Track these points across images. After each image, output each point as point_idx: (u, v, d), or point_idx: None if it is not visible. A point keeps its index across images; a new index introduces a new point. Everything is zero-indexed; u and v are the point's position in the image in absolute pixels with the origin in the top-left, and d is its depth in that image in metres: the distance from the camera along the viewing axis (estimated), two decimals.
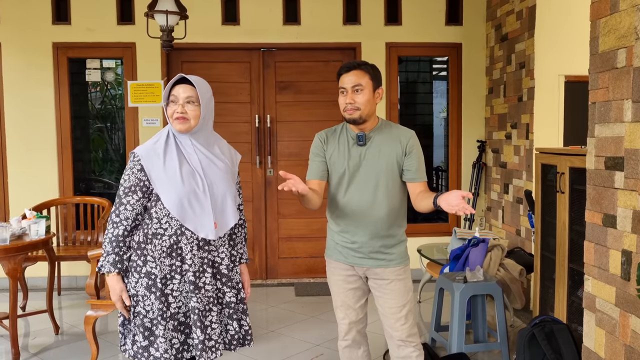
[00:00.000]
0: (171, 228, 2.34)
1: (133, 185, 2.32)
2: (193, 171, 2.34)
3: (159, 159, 2.31)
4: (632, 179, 2.57)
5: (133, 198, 2.32)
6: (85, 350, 3.80)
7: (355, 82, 2.57)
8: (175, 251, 2.35)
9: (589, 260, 2.93)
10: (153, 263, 2.33)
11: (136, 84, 5.45)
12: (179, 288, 2.36)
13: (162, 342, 2.33)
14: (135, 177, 2.32)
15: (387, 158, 2.60)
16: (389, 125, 2.69)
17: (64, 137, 5.49)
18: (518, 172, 4.91)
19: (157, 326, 2.33)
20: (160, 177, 2.30)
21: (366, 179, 2.61)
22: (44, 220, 4.06)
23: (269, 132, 5.67)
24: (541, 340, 3.24)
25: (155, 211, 2.34)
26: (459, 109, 5.76)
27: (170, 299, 2.35)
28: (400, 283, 2.66)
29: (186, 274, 2.35)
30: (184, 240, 2.35)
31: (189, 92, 2.34)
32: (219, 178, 2.40)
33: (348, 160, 2.64)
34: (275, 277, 5.78)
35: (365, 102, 2.56)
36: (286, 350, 3.96)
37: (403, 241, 2.72)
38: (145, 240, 2.34)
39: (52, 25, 5.40)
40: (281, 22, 5.57)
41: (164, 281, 2.34)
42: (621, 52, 2.64)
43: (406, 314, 2.66)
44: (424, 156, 2.68)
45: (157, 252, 2.33)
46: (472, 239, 4.22)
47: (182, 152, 2.36)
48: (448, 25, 5.68)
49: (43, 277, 4.84)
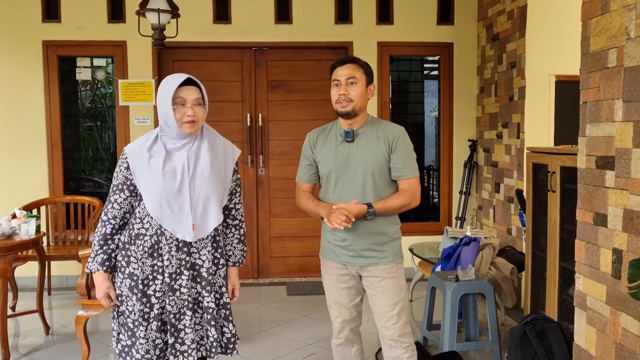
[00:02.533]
0: (152, 228, 2.31)
1: (120, 183, 2.32)
2: (176, 171, 2.29)
3: (144, 157, 2.28)
4: (622, 178, 2.58)
5: (120, 197, 2.32)
6: (76, 350, 3.78)
7: (349, 74, 2.59)
8: (157, 251, 2.32)
9: (580, 259, 2.95)
10: (135, 264, 2.31)
11: (127, 82, 5.42)
12: (161, 289, 2.33)
13: (142, 343, 2.31)
14: (123, 175, 2.31)
15: (374, 155, 2.59)
16: (378, 122, 2.69)
17: (54, 136, 5.45)
18: (509, 172, 4.94)
19: (139, 327, 2.32)
20: (143, 175, 2.28)
21: (354, 176, 2.61)
22: (34, 219, 4.03)
23: (260, 131, 5.67)
24: (532, 338, 3.26)
25: (138, 210, 2.32)
26: (451, 109, 5.78)
27: (153, 300, 2.33)
28: (392, 281, 2.64)
29: (163, 275, 2.33)
30: (164, 240, 2.31)
31: (196, 93, 2.29)
32: (205, 179, 2.33)
33: (335, 158, 2.64)
34: (267, 276, 5.78)
35: (359, 95, 2.58)
36: (278, 349, 3.96)
37: (396, 239, 2.70)
38: (129, 240, 2.32)
39: (42, 23, 5.36)
40: (273, 21, 5.56)
41: (146, 282, 2.32)
42: (612, 52, 2.66)
43: (398, 313, 2.64)
44: (415, 155, 2.68)
45: (140, 252, 2.31)
46: (464, 238, 4.23)
47: (169, 151, 2.31)
48: (439, 25, 5.69)
49: (33, 277, 4.81)
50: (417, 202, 2.65)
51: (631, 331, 2.52)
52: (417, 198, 2.64)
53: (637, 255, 2.45)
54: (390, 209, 2.60)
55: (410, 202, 2.61)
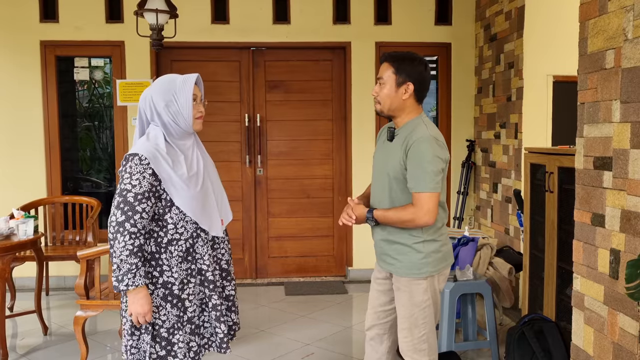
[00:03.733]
0: (187, 232, 2.29)
1: (147, 191, 2.18)
2: (196, 171, 2.32)
3: (167, 162, 2.23)
4: (620, 178, 2.59)
5: (147, 205, 2.19)
6: (74, 350, 3.78)
7: (379, 74, 2.55)
8: (192, 254, 2.31)
9: (577, 259, 2.96)
10: (169, 272, 2.27)
11: (125, 82, 5.42)
12: (193, 292, 2.33)
13: (181, 347, 2.29)
14: (148, 182, 2.18)
15: (394, 159, 2.49)
16: (416, 126, 2.49)
17: (51, 136, 5.45)
18: (507, 172, 4.94)
19: (175, 334, 2.28)
20: (173, 180, 2.23)
21: (381, 178, 2.56)
22: (32, 220, 4.02)
23: (258, 131, 5.67)
24: (530, 338, 3.27)
25: (170, 217, 2.25)
26: (448, 109, 5.79)
27: (187, 304, 2.31)
28: (404, 295, 2.54)
29: (205, 275, 2.34)
30: (200, 242, 2.32)
31: (200, 91, 2.35)
32: (215, 175, 2.43)
33: (377, 155, 2.65)
34: (265, 276, 5.78)
35: (384, 96, 2.50)
36: (277, 349, 3.96)
37: (419, 252, 2.49)
38: (158, 250, 2.26)
39: (40, 23, 5.36)
40: (271, 21, 5.56)
41: (181, 286, 2.29)
42: (610, 53, 2.66)
43: (409, 328, 2.54)
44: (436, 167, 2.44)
45: (174, 259, 2.26)
46: (462, 238, 4.24)
47: (185, 153, 2.31)
48: (437, 25, 5.70)
49: (31, 277, 4.80)
50: (426, 221, 2.40)
51: (629, 331, 2.53)
52: (424, 216, 2.39)
53: (634, 256, 2.46)
54: (389, 220, 2.48)
55: (413, 218, 2.41)
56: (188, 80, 2.29)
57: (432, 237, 2.51)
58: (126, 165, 2.19)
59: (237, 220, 5.49)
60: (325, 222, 5.76)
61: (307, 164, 5.75)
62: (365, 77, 5.61)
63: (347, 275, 5.77)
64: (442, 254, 2.56)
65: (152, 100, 2.28)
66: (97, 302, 3.49)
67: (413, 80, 2.48)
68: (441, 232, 2.57)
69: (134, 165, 2.18)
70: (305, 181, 5.75)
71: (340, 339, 4.16)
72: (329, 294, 5.26)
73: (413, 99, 2.51)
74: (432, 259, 2.51)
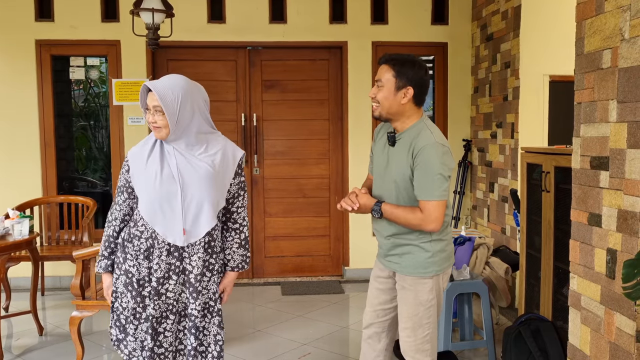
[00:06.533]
0: (147, 231, 2.33)
1: (122, 185, 2.38)
2: (172, 175, 2.28)
3: (142, 161, 2.31)
4: (617, 178, 2.60)
5: (121, 198, 2.38)
6: (70, 351, 3.76)
7: (377, 76, 2.49)
8: (152, 254, 2.33)
9: (574, 259, 2.96)
10: (131, 262, 2.35)
11: (121, 82, 5.40)
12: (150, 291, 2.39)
13: (131, 340, 2.36)
14: (124, 178, 2.37)
15: (401, 164, 2.45)
16: (420, 130, 2.45)
17: (47, 136, 5.42)
18: (503, 171, 4.95)
19: (129, 325, 2.36)
20: (140, 179, 2.31)
21: (387, 180, 2.53)
22: (28, 220, 4.01)
23: (255, 130, 5.66)
24: (527, 337, 3.27)
25: (136, 213, 2.36)
26: (445, 108, 5.79)
27: (147, 301, 2.35)
28: (409, 294, 2.52)
29: (159, 281, 2.34)
30: (156, 244, 2.33)
31: (155, 101, 2.25)
32: (197, 183, 2.30)
33: (378, 160, 2.60)
34: (262, 276, 5.77)
35: (383, 99, 2.45)
36: (273, 349, 3.95)
37: (424, 251, 2.48)
38: (128, 238, 2.37)
39: (35, 22, 5.33)
40: (267, 20, 5.55)
41: (141, 282, 2.35)
42: (606, 53, 2.67)
43: (412, 328, 2.52)
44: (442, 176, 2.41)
45: (135, 252, 2.34)
46: (458, 238, 4.24)
47: (164, 155, 2.32)
48: (434, 25, 5.70)
49: (26, 277, 4.78)
50: (432, 228, 2.39)
51: (625, 331, 2.54)
52: (431, 223, 2.37)
53: (631, 255, 2.46)
54: (396, 217, 2.44)
55: (420, 224, 2.39)
56: (142, 89, 2.30)
57: (439, 237, 2.51)
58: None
59: None
60: (322, 222, 5.76)
61: (304, 164, 5.75)
62: (362, 76, 5.61)
63: (343, 275, 5.76)
64: (447, 253, 2.56)
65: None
66: (93, 302, 3.48)
67: (413, 85, 2.44)
68: (447, 231, 2.56)
69: (124, 162, 2.41)
70: (301, 181, 5.75)
71: (337, 339, 4.15)
72: (325, 293, 5.26)
73: (412, 103, 2.47)
74: (438, 258, 2.50)
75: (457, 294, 3.65)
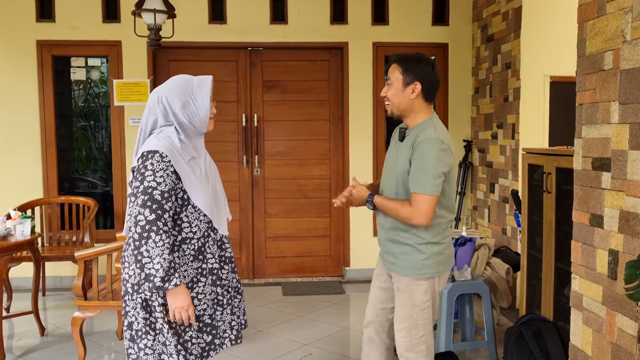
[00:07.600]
0: (200, 231, 2.31)
1: (170, 189, 2.17)
2: (206, 170, 2.36)
3: (186, 161, 2.25)
4: (618, 179, 2.60)
5: (171, 203, 2.19)
6: (72, 351, 3.77)
7: (388, 75, 2.58)
8: (202, 254, 2.33)
9: (576, 260, 2.97)
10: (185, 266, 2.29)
11: (122, 82, 5.40)
12: (203, 290, 2.33)
13: (193, 344, 2.32)
14: (171, 181, 2.18)
15: (402, 158, 2.51)
16: (424, 127, 2.50)
17: (48, 136, 5.42)
18: (504, 172, 4.96)
19: (187, 331, 2.30)
20: (191, 179, 2.24)
21: (390, 177, 2.59)
22: (29, 220, 4.01)
23: (255, 131, 5.66)
24: (528, 338, 3.28)
25: (185, 215, 2.26)
26: (446, 109, 5.80)
27: (196, 302, 2.31)
28: (404, 295, 2.55)
29: (217, 274, 2.37)
30: (210, 241, 2.34)
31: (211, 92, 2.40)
32: (218, 175, 2.46)
33: (390, 155, 2.66)
34: (262, 276, 5.77)
35: (392, 96, 2.54)
36: (275, 350, 3.96)
37: (420, 252, 2.50)
38: (171, 249, 2.21)
39: (36, 22, 5.33)
40: (268, 21, 5.55)
41: (190, 285, 2.29)
42: (608, 54, 2.67)
43: (407, 328, 2.55)
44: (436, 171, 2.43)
45: (186, 257, 2.27)
46: (459, 238, 4.25)
47: (197, 152, 2.34)
48: (434, 26, 5.71)
49: (28, 277, 4.78)
50: (420, 222, 2.42)
51: (627, 332, 2.54)
52: (419, 217, 2.40)
53: (633, 257, 2.47)
54: (387, 209, 2.51)
55: (408, 217, 2.43)
56: (205, 82, 2.32)
57: (437, 240, 2.52)
58: (146, 163, 2.15)
59: (234, 220, 5.50)
60: (323, 222, 5.76)
61: (305, 164, 5.75)
62: (363, 77, 5.62)
63: (344, 276, 5.77)
64: (444, 256, 2.57)
65: (167, 99, 2.27)
66: (95, 302, 3.48)
67: (420, 80, 2.50)
68: (445, 235, 2.57)
69: (155, 162, 2.15)
70: (302, 181, 5.75)
71: (338, 339, 4.16)
72: (326, 294, 5.26)
73: (422, 99, 2.53)
74: (434, 261, 2.52)
75: (458, 295, 3.66)
